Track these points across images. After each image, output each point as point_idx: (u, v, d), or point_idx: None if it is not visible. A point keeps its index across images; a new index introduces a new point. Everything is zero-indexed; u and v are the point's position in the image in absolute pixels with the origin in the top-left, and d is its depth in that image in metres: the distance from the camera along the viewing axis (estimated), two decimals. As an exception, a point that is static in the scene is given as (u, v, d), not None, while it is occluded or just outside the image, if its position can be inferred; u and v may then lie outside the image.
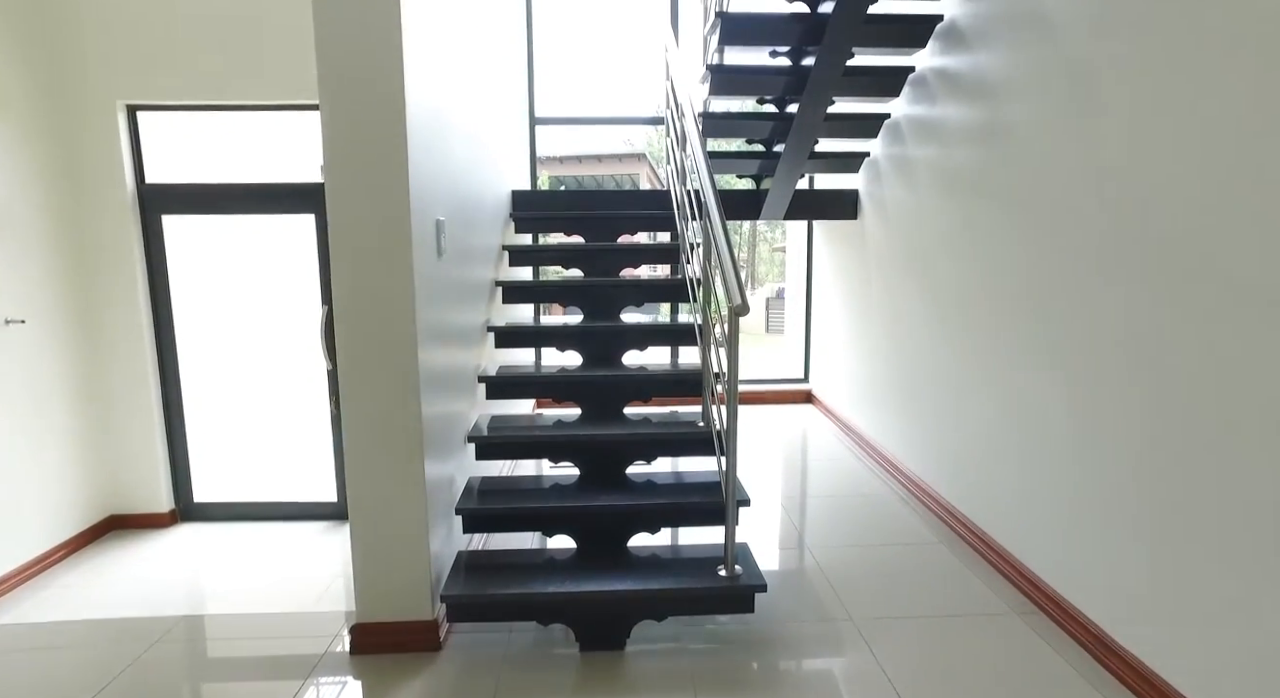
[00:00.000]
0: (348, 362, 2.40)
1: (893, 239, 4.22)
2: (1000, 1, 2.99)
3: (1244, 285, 1.83)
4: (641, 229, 4.40)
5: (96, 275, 3.63)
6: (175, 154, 3.84)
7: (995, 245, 3.06)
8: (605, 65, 19.29)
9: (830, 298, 5.65)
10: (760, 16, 3.47)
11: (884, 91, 3.95)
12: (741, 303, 2.17)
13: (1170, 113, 2.07)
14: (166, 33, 3.54)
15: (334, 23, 2.25)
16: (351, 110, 2.30)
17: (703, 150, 2.97)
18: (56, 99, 3.50)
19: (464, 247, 3.12)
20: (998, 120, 3.01)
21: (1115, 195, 2.30)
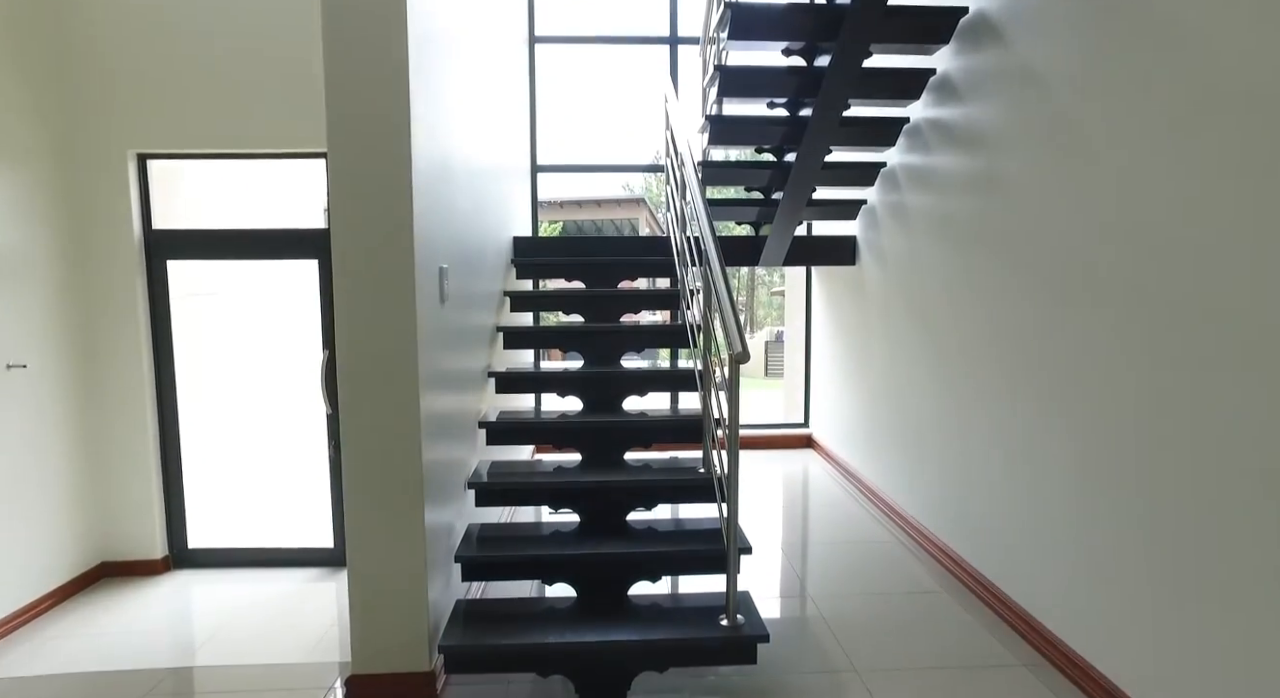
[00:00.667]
0: (349, 406, 2.40)
1: (891, 285, 4.26)
2: (990, 58, 3.07)
3: (1238, 333, 1.85)
4: (641, 275, 4.43)
5: (100, 320, 3.64)
6: (181, 199, 3.90)
7: (992, 292, 3.09)
8: (606, 114, 19.66)
9: (829, 343, 5.67)
10: (758, 70, 3.56)
11: (880, 141, 4.03)
12: (742, 350, 2.19)
13: (1159, 166, 2.12)
14: (177, 83, 3.61)
15: (344, 73, 2.30)
16: (359, 159, 2.34)
17: (702, 198, 3.02)
18: (69, 148, 3.56)
19: (466, 292, 3.14)
20: (991, 170, 3.06)
21: (1108, 245, 2.33)
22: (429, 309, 2.54)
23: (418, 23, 2.40)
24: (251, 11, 3.60)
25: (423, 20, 2.47)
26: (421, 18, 2.45)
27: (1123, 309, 2.28)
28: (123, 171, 3.62)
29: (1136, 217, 2.22)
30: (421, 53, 2.45)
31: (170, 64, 3.61)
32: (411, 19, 2.33)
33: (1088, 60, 2.45)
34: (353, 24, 2.29)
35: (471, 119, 3.32)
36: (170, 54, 3.61)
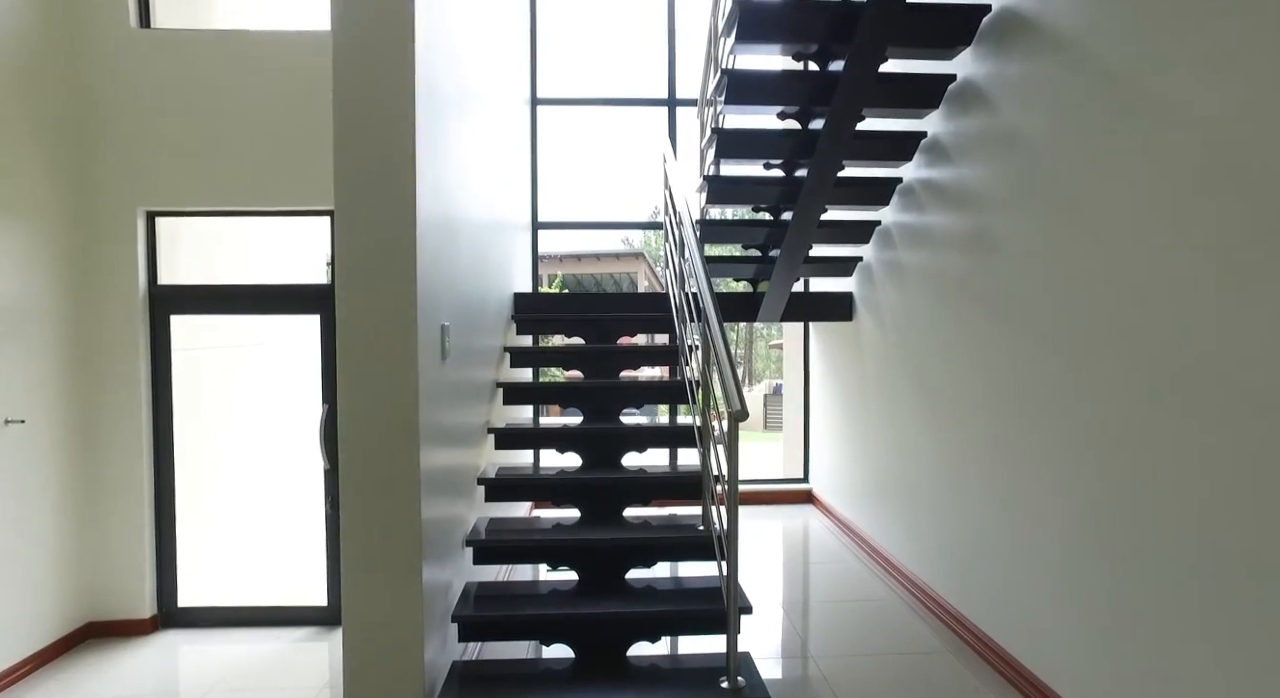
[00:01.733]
0: (348, 462, 2.39)
1: (887, 340, 4.30)
2: (978, 122, 3.17)
3: (1225, 391, 1.87)
4: (641, 331, 4.47)
5: (101, 375, 3.65)
6: (185, 252, 3.95)
7: (985, 347, 3.12)
8: (606, 171, 20.07)
9: (827, 397, 5.68)
10: (754, 132, 3.66)
11: (874, 201, 4.12)
12: (741, 408, 2.20)
13: (1139, 227, 2.17)
14: (187, 142, 3.70)
15: (352, 133, 2.36)
16: (364, 217, 2.38)
17: (700, 257, 3.07)
18: (79, 205, 3.63)
19: (467, 348, 3.17)
20: (982, 229, 3.13)
21: (1095, 302, 2.37)
22: (430, 366, 2.56)
23: (424, 85, 2.48)
24: (261, 73, 3.72)
25: (429, 83, 2.55)
26: (428, 80, 2.53)
27: (1109, 367, 2.31)
28: (131, 229, 3.69)
29: (1121, 275, 2.26)
30: (427, 113, 2.52)
31: (181, 123, 3.71)
32: (419, 81, 2.40)
33: (1068, 127, 2.53)
34: (361, 85, 2.36)
35: (475, 177, 3.40)
36: (181, 113, 3.71)
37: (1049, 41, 2.68)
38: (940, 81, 3.42)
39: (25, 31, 3.41)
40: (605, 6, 8.37)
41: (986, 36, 3.12)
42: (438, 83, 2.68)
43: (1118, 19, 2.32)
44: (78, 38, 3.67)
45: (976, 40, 3.20)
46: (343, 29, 2.36)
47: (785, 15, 3.17)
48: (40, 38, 3.49)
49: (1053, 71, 2.65)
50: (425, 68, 2.49)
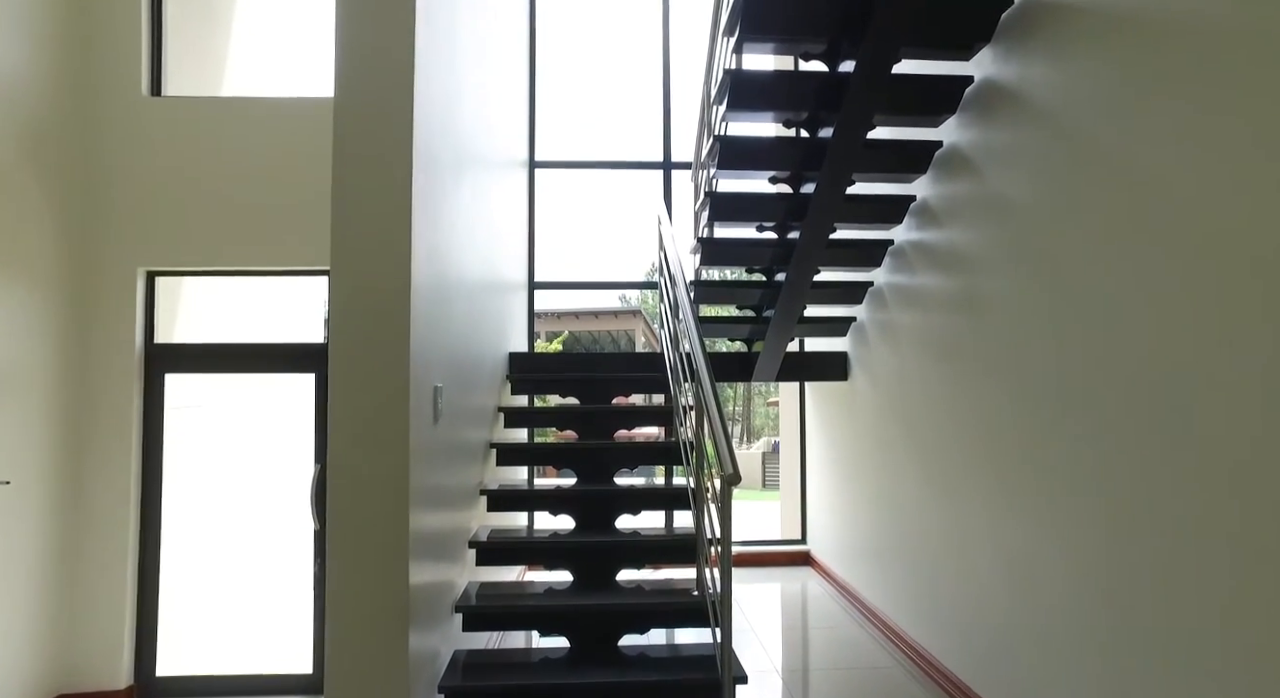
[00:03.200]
0: (336, 523, 2.36)
1: (882, 400, 4.30)
2: (965, 186, 3.23)
3: (1212, 448, 1.87)
4: (635, 391, 4.47)
5: (91, 436, 3.63)
6: (182, 310, 3.98)
7: (980, 410, 3.12)
8: (603, 230, 20.37)
9: (824, 457, 5.65)
10: (746, 196, 3.74)
11: (866, 262, 4.17)
12: (733, 472, 2.19)
13: (1122, 291, 2.19)
14: (190, 204, 3.77)
15: (350, 196, 2.40)
16: (359, 278, 2.40)
17: (694, 317, 3.09)
18: (80, 264, 3.67)
19: (460, 409, 3.16)
20: (972, 290, 3.16)
21: (1082, 363, 2.38)
22: (422, 427, 2.55)
23: (422, 149, 2.54)
24: (264, 138, 3.81)
25: (427, 146, 2.61)
26: (426, 144, 2.59)
27: (1103, 429, 2.30)
28: (130, 288, 3.72)
29: (1106, 339, 2.28)
30: (425, 177, 2.57)
31: (184, 185, 3.79)
32: (417, 145, 2.46)
33: (1050, 193, 2.59)
34: (360, 149, 2.41)
35: (472, 239, 3.45)
36: (185, 176, 3.79)
37: (1029, 111, 2.76)
38: (927, 148, 3.51)
39: (40, 95, 3.51)
40: (603, 73, 8.69)
41: (970, 105, 3.21)
42: (436, 146, 2.74)
43: (1093, 91, 2.39)
44: (90, 103, 3.77)
45: (961, 109, 3.29)
46: (344, 94, 2.42)
47: (774, 85, 3.27)
48: (54, 102, 3.59)
49: (1034, 139, 2.72)
50: (424, 132, 2.56)
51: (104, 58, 3.83)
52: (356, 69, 2.44)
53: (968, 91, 3.22)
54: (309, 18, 4.76)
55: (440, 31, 2.80)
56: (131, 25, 3.88)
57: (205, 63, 4.55)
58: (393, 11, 2.45)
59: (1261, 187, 1.78)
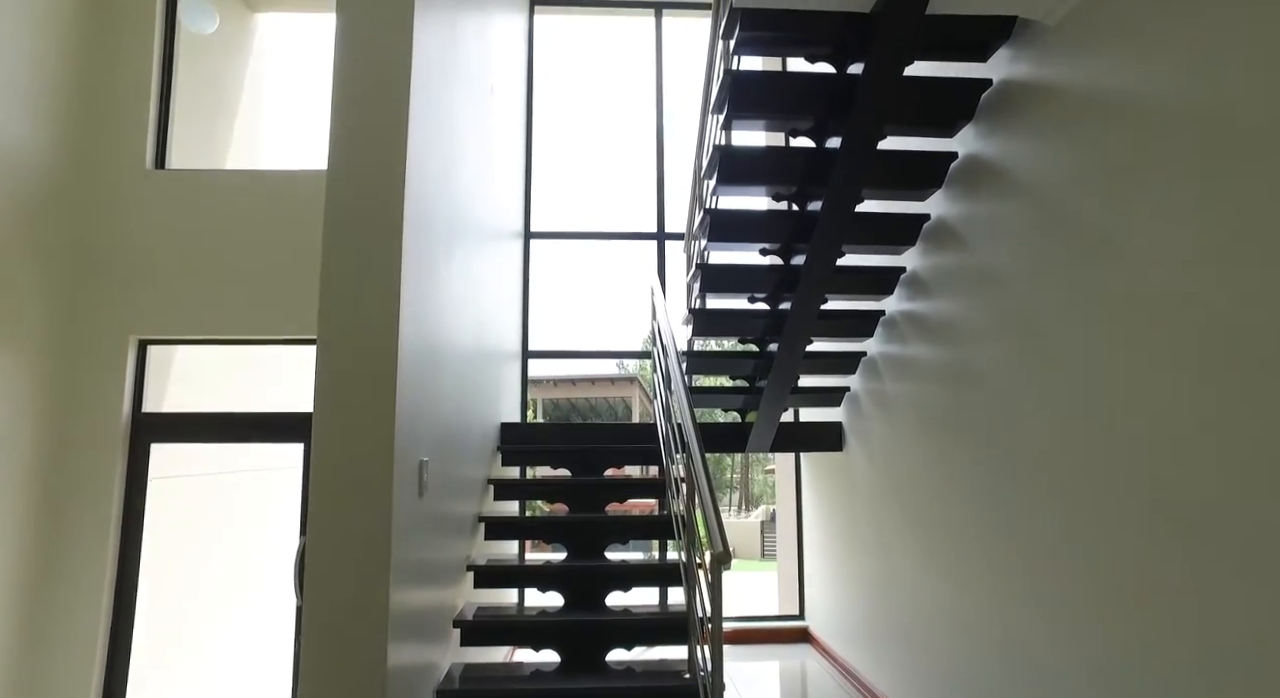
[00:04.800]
0: (313, 599, 2.27)
1: (877, 473, 4.24)
2: (953, 258, 3.26)
3: (1207, 528, 1.82)
4: (629, 462, 4.41)
5: (71, 506, 3.55)
6: (172, 379, 3.95)
7: (975, 485, 3.06)
8: (598, 299, 20.55)
9: (820, 529, 5.53)
10: (737, 267, 3.76)
11: (858, 333, 4.18)
12: (724, 551, 2.13)
13: (1111, 363, 2.18)
14: (184, 272, 3.80)
15: (340, 267, 2.41)
16: (346, 348, 2.38)
17: (685, 390, 3.07)
18: (71, 331, 3.66)
19: (447, 481, 3.10)
20: (963, 362, 3.15)
21: (1078, 441, 2.35)
22: (406, 501, 2.49)
23: (414, 220, 2.56)
24: (258, 209, 3.87)
25: (419, 217, 2.63)
26: (419, 215, 2.62)
27: (1098, 506, 2.25)
28: (121, 356, 3.71)
29: (1096, 413, 2.25)
30: (416, 247, 2.58)
31: (179, 254, 3.82)
32: (408, 216, 2.48)
33: (1035, 265, 2.61)
34: (351, 220, 2.43)
35: (463, 309, 3.45)
36: (180, 245, 3.82)
37: (1012, 186, 2.80)
38: (915, 221, 3.55)
39: (44, 165, 3.57)
40: (599, 145, 8.96)
41: (955, 180, 3.27)
42: (428, 218, 2.77)
43: (1071, 167, 2.43)
44: (93, 175, 3.84)
45: (946, 183, 3.35)
46: (337, 166, 2.46)
47: (763, 160, 3.34)
48: (57, 172, 3.65)
49: (1017, 213, 2.76)
50: (416, 204, 2.58)
51: (111, 131, 3.92)
52: (350, 142, 2.48)
53: (952, 166, 3.29)
54: (313, 92, 4.90)
55: (436, 105, 2.87)
56: (140, 99, 3.98)
57: (211, 136, 4.65)
58: (388, 86, 2.51)
59: (1230, 259, 1.79)
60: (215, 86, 4.73)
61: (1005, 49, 2.87)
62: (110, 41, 3.97)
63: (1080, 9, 2.42)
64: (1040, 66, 2.65)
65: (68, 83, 3.75)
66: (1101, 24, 2.33)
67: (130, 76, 3.98)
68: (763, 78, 4.03)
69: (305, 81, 5.08)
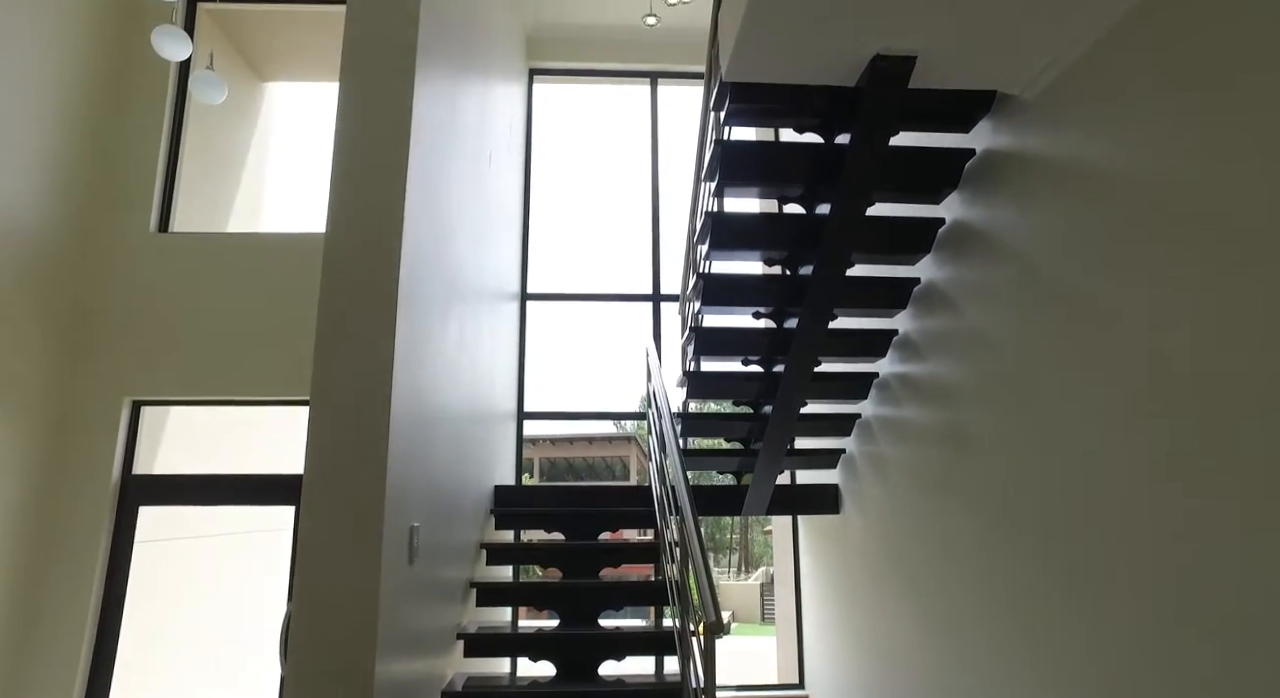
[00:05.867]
0: (296, 671, 2.22)
1: (874, 536, 4.18)
2: (943, 322, 3.30)
3: (1213, 596, 1.79)
4: (625, 526, 4.37)
5: (51, 575, 3.49)
6: (165, 439, 3.93)
7: (972, 549, 3.02)
8: (595, 358, 20.64)
9: (819, 593, 5.42)
10: (731, 330, 3.80)
11: (852, 394, 4.18)
12: (716, 620, 2.09)
13: (1108, 428, 2.19)
14: (181, 335, 3.83)
15: (334, 329, 2.42)
16: (339, 413, 2.39)
17: (679, 453, 3.06)
18: (66, 392, 3.66)
19: (439, 546, 3.06)
20: (957, 424, 3.15)
21: (1073, 505, 2.34)
22: (395, 568, 2.45)
23: (409, 282, 2.59)
24: (256, 271, 3.92)
25: (415, 279, 2.67)
26: (414, 277, 2.65)
27: (1095, 574, 2.22)
28: (114, 418, 3.70)
29: (1086, 478, 2.25)
30: (411, 309, 2.61)
31: (177, 316, 3.85)
32: (404, 279, 2.51)
33: (1023, 328, 2.64)
34: (347, 282, 2.46)
35: (458, 370, 3.46)
36: (179, 307, 3.86)
37: (999, 251, 2.85)
38: (905, 284, 3.60)
39: (53, 227, 3.63)
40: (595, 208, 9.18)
41: (943, 245, 3.33)
42: (424, 280, 2.81)
43: (1053, 232, 2.49)
44: (98, 237, 3.90)
45: (935, 248, 3.41)
46: (335, 229, 2.50)
47: (754, 226, 3.41)
48: (61, 235, 3.71)
49: (1004, 277, 2.80)
50: (412, 267, 2.62)
51: (118, 196, 4.01)
52: (348, 207, 2.53)
53: (940, 232, 3.35)
54: (315, 157, 5.02)
55: (434, 173, 2.94)
56: (148, 166, 4.07)
57: (215, 200, 4.75)
58: (387, 153, 2.58)
59: (1212, 323, 1.82)
60: (221, 152, 4.85)
61: (986, 121, 2.96)
62: (123, 111, 4.09)
63: (1055, 84, 2.51)
64: (1020, 137, 2.74)
65: (80, 150, 3.85)
66: (1075, 98, 2.42)
67: (140, 144, 4.09)
68: (753, 147, 4.13)
69: (309, 147, 5.22)
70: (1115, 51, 2.25)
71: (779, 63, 2.55)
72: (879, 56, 2.45)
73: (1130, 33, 2.18)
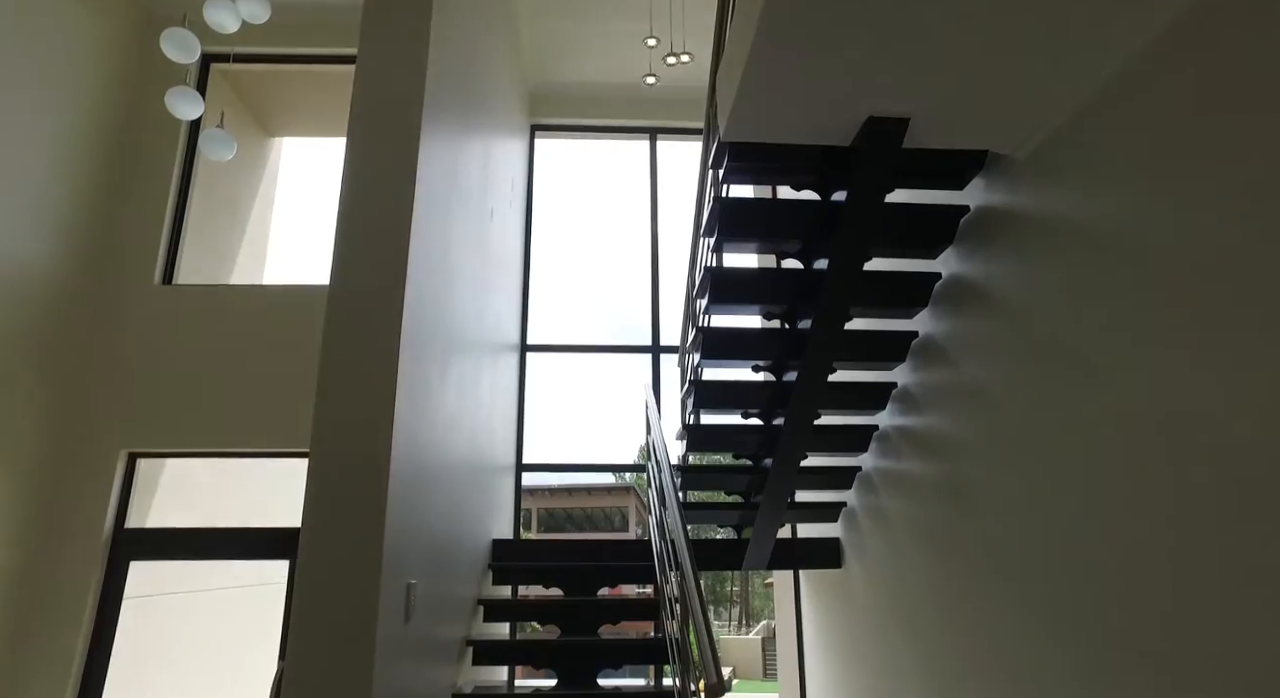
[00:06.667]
0: (287, 738, 2.17)
1: (876, 590, 4.12)
2: (941, 374, 3.31)
3: (1227, 660, 1.76)
4: (623, 581, 4.30)
5: (36, 631, 3.42)
6: (155, 491, 3.90)
7: (976, 607, 2.98)
8: (595, 409, 20.59)
9: (821, 649, 5.31)
10: (730, 383, 3.80)
11: (853, 447, 4.17)
12: (717, 681, 2.05)
13: (1106, 475, 2.18)
14: (180, 386, 3.83)
15: (336, 382, 2.43)
16: (337, 463, 2.38)
17: (679, 507, 3.04)
18: (63, 444, 3.64)
19: (435, 603, 3.01)
20: (958, 477, 3.14)
21: (1073, 564, 2.31)
22: (391, 626, 2.41)
23: (411, 336, 2.60)
24: (257, 323, 3.94)
25: (416, 333, 2.69)
26: (415, 331, 2.67)
27: (1097, 637, 2.19)
28: (110, 470, 3.68)
29: (1087, 534, 2.23)
30: (412, 362, 2.62)
31: (176, 368, 3.87)
32: (405, 334, 2.53)
33: (1020, 383, 2.65)
34: (349, 334, 2.48)
35: (458, 423, 3.46)
36: (178, 359, 3.88)
37: (995, 306, 2.88)
38: (904, 338, 3.62)
39: (59, 280, 3.67)
40: (596, 260, 9.30)
41: (940, 299, 3.36)
42: (426, 334, 2.83)
43: (1047, 289, 2.52)
44: (103, 289, 3.94)
45: (932, 302, 3.44)
46: (339, 282, 2.53)
47: (753, 281, 3.45)
48: (70, 286, 3.74)
49: (1001, 331, 2.82)
50: (413, 321, 2.64)
51: (124, 249, 4.06)
52: (352, 261, 2.57)
53: (937, 286, 3.39)
54: (320, 211, 5.10)
55: (437, 227, 2.99)
56: (155, 221, 4.14)
57: (220, 252, 4.81)
58: (392, 208, 2.63)
59: (1197, 378, 1.83)
60: (226, 204, 4.93)
61: (980, 178, 3.02)
62: (133, 166, 4.18)
63: (1044, 145, 2.57)
64: (1012, 195, 2.79)
65: (89, 204, 3.92)
66: (1067, 157, 2.48)
67: (148, 198, 4.17)
68: (751, 204, 4.20)
69: (312, 199, 5.31)
70: (1098, 118, 2.32)
71: (775, 123, 2.62)
72: (873, 118, 2.51)
73: (1110, 103, 2.26)
